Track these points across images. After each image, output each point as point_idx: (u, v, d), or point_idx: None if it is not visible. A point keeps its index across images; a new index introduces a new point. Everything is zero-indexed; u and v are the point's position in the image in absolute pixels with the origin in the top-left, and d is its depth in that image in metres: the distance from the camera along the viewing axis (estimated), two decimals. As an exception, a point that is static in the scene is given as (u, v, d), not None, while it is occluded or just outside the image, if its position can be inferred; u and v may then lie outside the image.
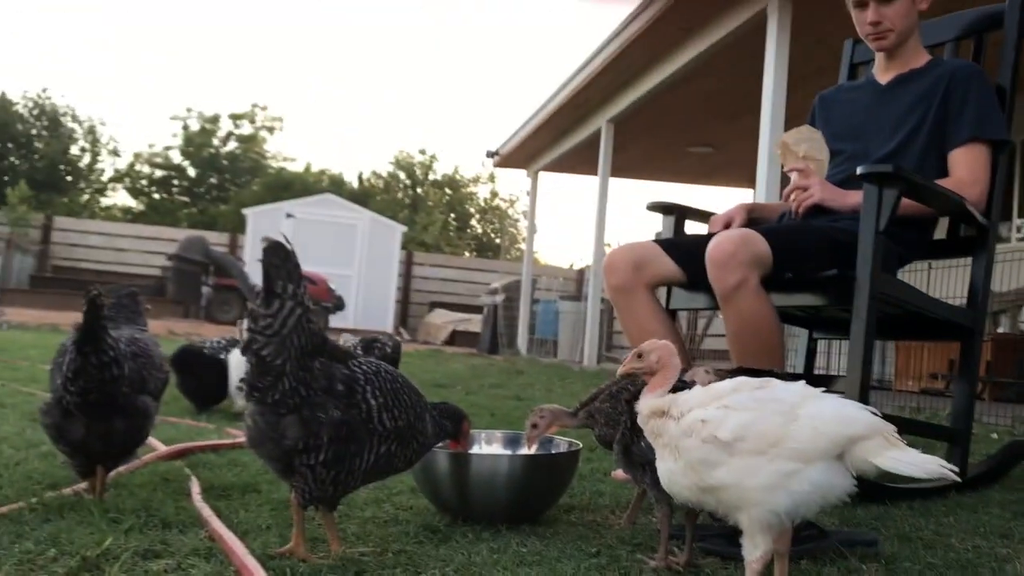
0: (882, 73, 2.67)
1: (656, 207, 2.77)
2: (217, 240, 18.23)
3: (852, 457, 1.30)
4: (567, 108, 10.10)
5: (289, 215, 17.45)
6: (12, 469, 2.00)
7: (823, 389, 1.39)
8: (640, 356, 1.53)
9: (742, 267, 2.12)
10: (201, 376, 3.55)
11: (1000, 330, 6.69)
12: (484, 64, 58.79)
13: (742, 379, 1.48)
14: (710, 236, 2.51)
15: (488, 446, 2.04)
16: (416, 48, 57.11)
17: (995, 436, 3.28)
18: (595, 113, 10.05)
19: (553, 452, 1.98)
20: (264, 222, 17.41)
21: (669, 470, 1.39)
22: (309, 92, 52.60)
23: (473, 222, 30.62)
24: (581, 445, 2.00)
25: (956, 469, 1.27)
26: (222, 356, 3.62)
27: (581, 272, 21.60)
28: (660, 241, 2.54)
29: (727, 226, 2.60)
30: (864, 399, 2.09)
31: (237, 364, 3.59)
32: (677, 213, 2.75)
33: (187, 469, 2.10)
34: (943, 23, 2.76)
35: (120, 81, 48.84)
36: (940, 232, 2.61)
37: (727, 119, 10.02)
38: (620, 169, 11.66)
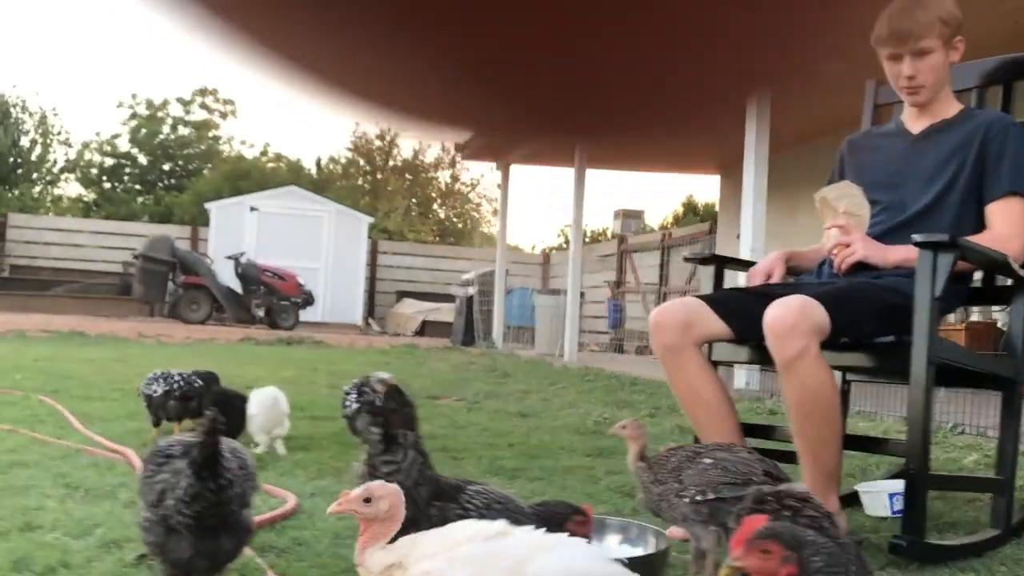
0: (913, 121, 2.71)
1: (694, 259, 2.79)
2: (179, 234, 17.93)
3: None
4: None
5: (253, 208, 17.23)
6: (86, 570, 1.96)
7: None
8: (368, 500, 1.39)
9: (803, 336, 2.15)
10: (229, 415, 3.55)
11: None
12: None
13: (483, 525, 1.40)
14: (756, 292, 2.55)
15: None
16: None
17: None
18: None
19: (647, 552, 1.95)
20: (228, 216, 17.20)
21: None
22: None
23: (435, 207, 30.50)
24: (668, 544, 2.00)
25: None
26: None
27: (547, 256, 21.66)
28: (706, 298, 2.56)
29: (767, 277, 2.63)
30: (926, 461, 2.14)
31: (259, 402, 3.60)
32: (716, 263, 2.77)
33: (258, 559, 2.08)
34: (967, 69, 2.80)
35: (64, 68, 47.61)
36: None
37: (696, 115, 10.08)
38: (591, 160, 11.69)
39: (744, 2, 0.52)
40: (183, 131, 31.22)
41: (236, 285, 14.71)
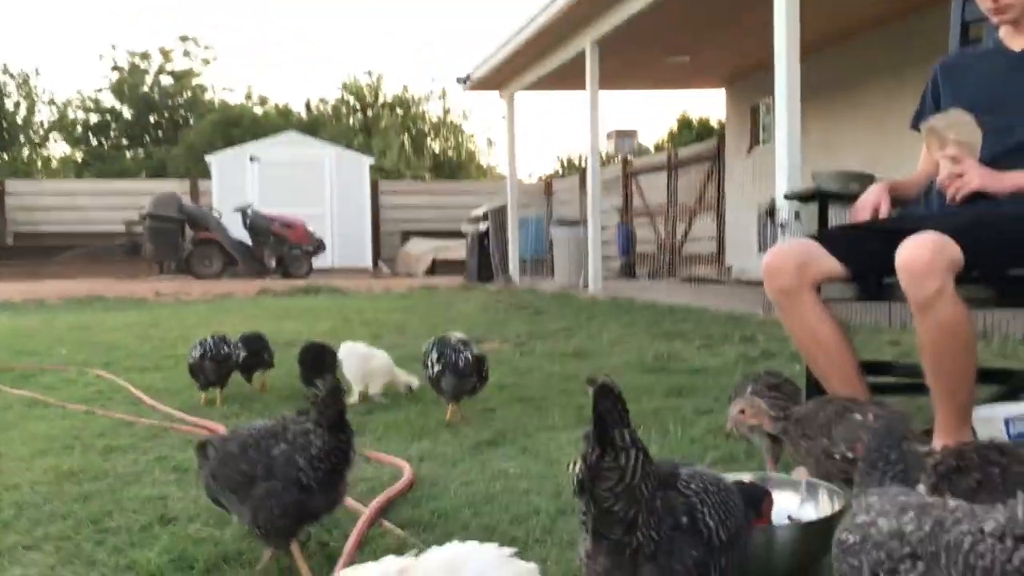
0: (1012, 39, 2.62)
1: (796, 195, 2.73)
2: (178, 188, 17.73)
3: None
4: (550, 30, 9.88)
5: (253, 158, 17.02)
6: (250, 561, 1.94)
7: None
8: None
9: (940, 275, 2.11)
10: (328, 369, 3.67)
11: None
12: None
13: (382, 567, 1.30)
14: (871, 228, 2.50)
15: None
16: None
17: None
18: (578, 34, 9.84)
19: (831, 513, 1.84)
20: (228, 167, 17.01)
21: None
22: (236, 19, 50.66)
23: (428, 141, 30.14)
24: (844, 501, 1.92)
25: None
26: None
27: (548, 184, 21.51)
28: (818, 237, 2.51)
29: (875, 212, 2.58)
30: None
31: (347, 354, 3.75)
32: (820, 199, 2.72)
33: (411, 538, 2.05)
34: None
35: (39, 26, 46.52)
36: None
37: (707, 29, 9.92)
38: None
39: None
40: (165, 81, 30.65)
41: (245, 237, 14.61)
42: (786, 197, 2.77)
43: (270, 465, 1.88)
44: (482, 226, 13.44)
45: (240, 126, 24.62)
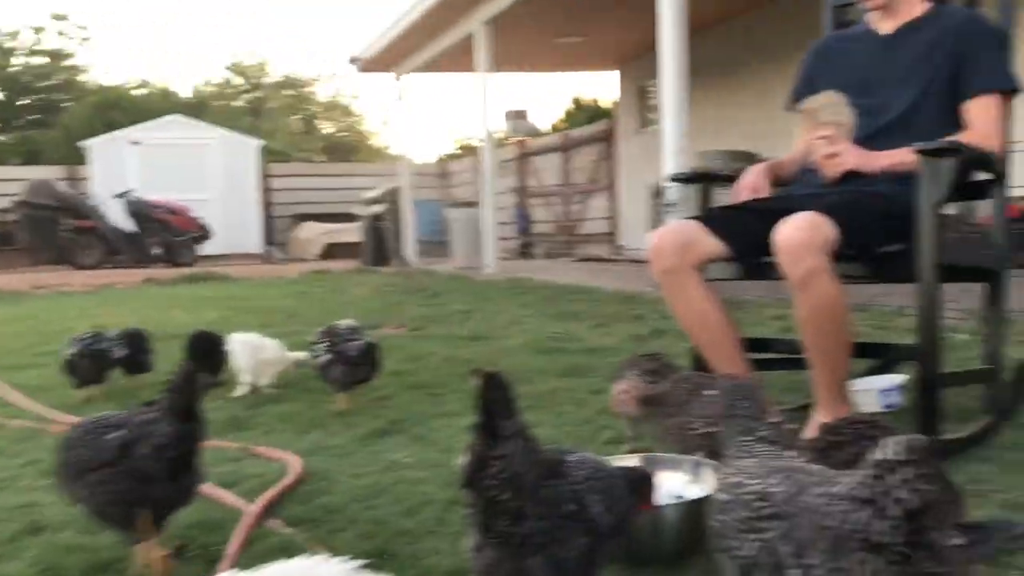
0: (881, 23, 2.71)
1: (681, 178, 2.76)
2: (55, 175, 16.87)
3: None
4: (439, 10, 9.77)
5: (135, 142, 16.35)
6: (123, 570, 1.86)
7: None
8: None
9: (816, 254, 2.17)
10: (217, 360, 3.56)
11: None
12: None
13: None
14: (751, 208, 2.55)
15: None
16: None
17: None
18: (467, 14, 9.77)
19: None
20: (108, 152, 16.29)
21: None
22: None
23: (318, 122, 29.53)
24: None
25: None
26: None
27: (444, 166, 21.38)
28: (700, 218, 2.55)
29: (754, 192, 2.63)
30: (938, 363, 2.22)
31: (242, 345, 3.64)
32: (703, 182, 2.75)
33: (298, 536, 2.00)
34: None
35: None
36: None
37: (598, 9, 9.99)
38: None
39: None
40: (36, 62, 29.09)
41: (127, 225, 14.05)
42: (672, 179, 2.79)
43: (106, 452, 1.82)
44: (377, 208, 13.27)
45: (119, 108, 23.61)
